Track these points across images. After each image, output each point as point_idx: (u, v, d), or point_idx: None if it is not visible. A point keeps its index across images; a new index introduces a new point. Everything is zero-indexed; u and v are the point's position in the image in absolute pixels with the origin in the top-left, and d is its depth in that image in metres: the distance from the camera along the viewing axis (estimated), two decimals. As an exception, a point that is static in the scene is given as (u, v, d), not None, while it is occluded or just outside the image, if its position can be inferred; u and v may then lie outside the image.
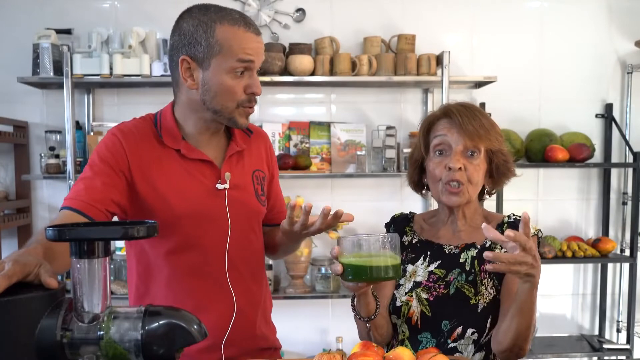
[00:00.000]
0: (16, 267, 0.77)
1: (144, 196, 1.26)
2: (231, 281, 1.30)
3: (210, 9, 1.24)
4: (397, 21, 2.81)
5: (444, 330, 1.26)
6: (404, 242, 1.41)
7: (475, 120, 1.27)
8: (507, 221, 1.33)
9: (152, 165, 1.27)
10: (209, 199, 1.29)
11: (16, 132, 2.63)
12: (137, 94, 2.74)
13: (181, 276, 1.29)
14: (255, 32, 1.24)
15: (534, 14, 2.88)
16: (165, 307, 0.77)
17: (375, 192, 2.85)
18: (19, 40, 2.67)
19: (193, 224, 1.27)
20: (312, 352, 2.61)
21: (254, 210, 1.37)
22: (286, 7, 2.78)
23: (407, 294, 1.32)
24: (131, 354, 0.73)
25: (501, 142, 1.32)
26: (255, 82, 1.25)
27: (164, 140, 1.29)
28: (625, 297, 2.88)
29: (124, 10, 2.74)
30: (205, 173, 1.30)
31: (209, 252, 1.30)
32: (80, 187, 1.20)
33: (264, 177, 1.42)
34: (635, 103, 2.90)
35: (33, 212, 2.76)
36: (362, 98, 2.84)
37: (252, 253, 1.38)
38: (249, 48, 1.22)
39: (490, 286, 1.28)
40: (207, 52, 1.21)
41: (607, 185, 2.90)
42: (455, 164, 1.27)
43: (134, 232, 0.74)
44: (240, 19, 1.23)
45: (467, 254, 1.32)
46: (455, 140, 1.28)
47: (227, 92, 1.23)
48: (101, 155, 1.25)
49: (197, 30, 1.21)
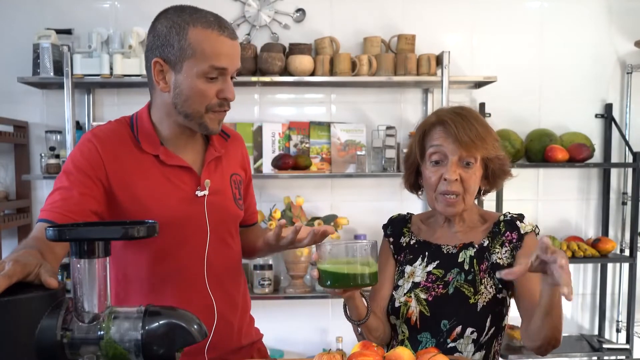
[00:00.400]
0: (16, 267, 0.77)
1: (122, 203, 1.23)
2: (210, 286, 1.29)
3: (186, 10, 1.21)
4: (397, 21, 2.81)
5: (443, 330, 1.26)
6: (402, 243, 1.41)
7: (471, 129, 1.26)
8: (503, 219, 1.33)
9: (130, 172, 1.24)
10: (188, 206, 1.26)
11: (16, 132, 2.63)
12: (137, 94, 2.74)
13: (160, 282, 1.28)
14: (229, 36, 1.20)
15: (534, 14, 2.88)
16: (166, 307, 0.77)
17: (375, 192, 2.85)
18: (19, 40, 2.67)
19: (172, 230, 1.24)
20: (312, 352, 2.61)
21: (232, 215, 1.36)
22: (286, 7, 2.78)
23: (405, 294, 1.32)
24: (131, 354, 0.73)
25: (497, 147, 1.31)
26: (229, 87, 1.22)
27: (142, 145, 1.26)
28: (625, 297, 2.88)
29: (124, 11, 2.74)
30: (184, 179, 1.28)
31: (188, 258, 1.28)
32: (56, 197, 1.17)
33: (240, 180, 1.41)
34: (635, 103, 2.90)
35: (33, 212, 2.76)
36: (362, 98, 2.84)
37: (231, 256, 1.37)
38: (221, 54, 1.19)
39: (490, 285, 1.28)
40: (179, 55, 1.18)
41: (607, 185, 2.90)
42: (452, 176, 1.26)
43: (134, 232, 0.74)
44: (215, 22, 1.19)
45: (465, 254, 1.32)
46: (451, 150, 1.27)
47: (198, 96, 1.20)
48: (77, 163, 1.21)
49: (171, 32, 1.19)
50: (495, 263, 1.28)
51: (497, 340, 1.33)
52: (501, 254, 1.29)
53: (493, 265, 1.28)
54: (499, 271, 1.03)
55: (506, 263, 1.28)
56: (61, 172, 1.23)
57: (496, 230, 1.32)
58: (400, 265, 1.40)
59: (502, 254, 1.29)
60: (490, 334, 1.28)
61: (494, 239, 1.32)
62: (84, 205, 1.16)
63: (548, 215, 2.93)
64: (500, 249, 1.30)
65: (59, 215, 1.14)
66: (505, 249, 1.29)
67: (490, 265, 1.29)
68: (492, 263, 1.29)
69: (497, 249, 1.30)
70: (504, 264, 1.28)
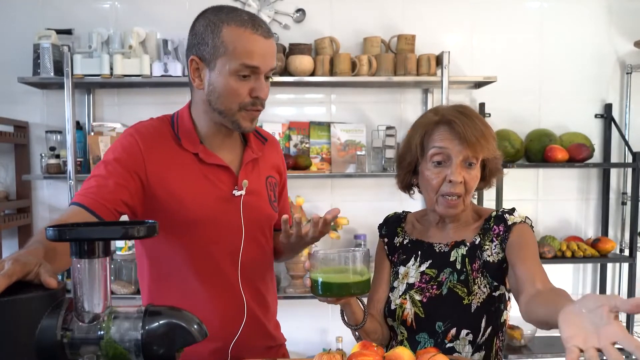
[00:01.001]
0: (16, 266, 0.77)
1: (159, 199, 1.24)
2: (242, 286, 1.31)
3: (223, 9, 1.23)
4: (397, 21, 2.81)
5: (438, 331, 1.25)
6: (395, 243, 1.40)
7: (476, 129, 1.23)
8: (494, 215, 1.30)
9: (169, 168, 1.26)
10: (224, 205, 1.28)
11: (17, 132, 2.64)
12: (138, 94, 2.74)
13: (193, 279, 1.29)
14: (263, 34, 1.21)
15: (534, 14, 2.88)
16: (166, 307, 0.77)
17: (375, 192, 2.85)
18: (19, 41, 2.67)
19: (208, 228, 1.27)
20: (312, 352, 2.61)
21: (267, 216, 1.37)
22: (286, 7, 2.78)
23: (400, 296, 1.31)
24: (131, 353, 0.73)
25: (497, 147, 1.30)
26: (261, 86, 1.23)
27: (182, 143, 1.28)
28: (624, 297, 2.88)
29: (124, 11, 2.74)
30: (222, 178, 1.29)
31: (222, 256, 1.29)
32: (92, 184, 1.19)
33: (275, 183, 1.43)
34: (635, 103, 2.90)
35: (33, 212, 2.77)
36: (362, 98, 2.84)
37: (263, 257, 1.38)
38: (253, 52, 1.19)
39: (484, 284, 1.25)
40: (213, 53, 1.20)
41: (607, 185, 2.90)
42: (458, 178, 1.23)
43: (134, 232, 0.74)
44: (249, 20, 1.21)
45: (457, 252, 1.29)
46: (456, 152, 1.24)
47: (231, 94, 1.22)
48: (116, 155, 1.23)
49: (206, 30, 1.21)
50: (487, 261, 1.26)
51: (499, 338, 1.30)
52: (491, 250, 1.26)
53: (485, 263, 1.26)
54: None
55: (496, 260, 1.24)
56: (100, 161, 1.25)
57: (487, 226, 1.30)
58: (394, 266, 1.39)
59: (492, 250, 1.26)
60: (487, 334, 1.26)
61: (485, 235, 1.29)
62: (117, 195, 1.18)
63: (548, 215, 2.93)
64: (490, 245, 1.27)
65: (91, 201, 1.15)
66: (495, 244, 1.26)
67: (483, 264, 1.26)
68: (484, 261, 1.26)
69: (487, 246, 1.27)
70: (494, 261, 1.25)
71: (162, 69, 2.52)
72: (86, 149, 2.62)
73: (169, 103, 2.74)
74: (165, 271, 1.31)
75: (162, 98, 2.75)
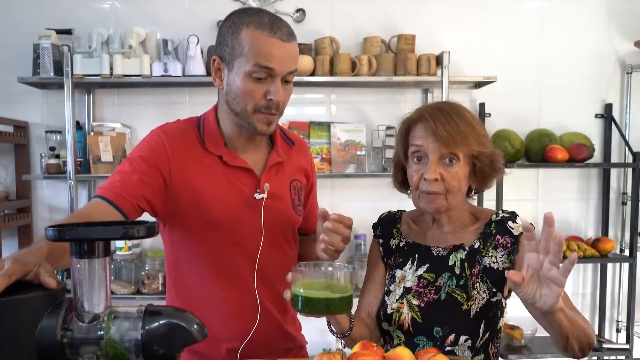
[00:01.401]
0: (16, 266, 0.77)
1: (181, 199, 1.26)
2: (258, 287, 1.31)
3: (247, 11, 1.24)
4: (397, 21, 2.81)
5: (436, 336, 1.23)
6: (392, 245, 1.37)
7: (450, 124, 1.20)
8: (495, 219, 1.28)
9: (193, 170, 1.27)
10: (245, 208, 1.29)
11: (16, 132, 2.64)
12: (138, 94, 2.74)
13: (210, 279, 1.31)
14: (281, 37, 1.20)
15: (534, 14, 2.88)
16: (166, 307, 0.77)
17: (375, 192, 2.85)
18: (19, 41, 2.67)
19: (227, 230, 1.28)
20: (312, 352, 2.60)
21: (289, 220, 1.37)
22: (286, 7, 2.78)
23: (397, 300, 1.28)
24: (131, 353, 0.73)
25: (483, 143, 1.24)
26: (276, 88, 1.22)
27: (206, 145, 1.29)
28: (624, 297, 2.88)
29: (124, 11, 2.74)
30: (245, 181, 1.30)
31: (239, 258, 1.30)
32: (116, 178, 1.21)
33: (301, 187, 1.42)
34: (635, 103, 2.90)
35: (33, 212, 2.77)
36: (362, 98, 2.84)
37: (284, 261, 1.37)
38: (269, 54, 1.19)
39: (483, 290, 1.23)
40: (231, 53, 1.22)
41: (607, 185, 2.90)
42: (431, 175, 1.21)
43: (134, 232, 0.74)
44: (268, 23, 1.20)
45: (455, 256, 1.27)
46: (431, 148, 1.22)
47: (246, 95, 1.22)
48: (142, 153, 1.26)
49: (228, 31, 1.23)
50: (489, 267, 1.24)
51: (494, 344, 1.28)
52: (496, 258, 1.24)
53: (486, 269, 1.24)
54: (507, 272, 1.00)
55: (501, 267, 1.24)
56: (126, 158, 1.27)
57: (487, 231, 1.27)
58: (390, 269, 1.35)
59: (498, 258, 1.24)
60: (485, 339, 1.24)
61: (486, 241, 1.26)
62: (139, 191, 1.20)
63: (548, 215, 2.92)
64: (494, 252, 1.25)
65: (115, 195, 1.17)
66: (501, 253, 1.24)
67: (483, 269, 1.24)
68: (485, 267, 1.24)
69: (490, 252, 1.25)
70: (499, 269, 1.24)
71: (162, 69, 2.52)
72: (86, 149, 2.62)
73: (169, 103, 2.74)
74: (184, 270, 1.33)
75: (162, 98, 2.75)
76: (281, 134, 1.42)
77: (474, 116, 1.27)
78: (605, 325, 2.95)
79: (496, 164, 1.28)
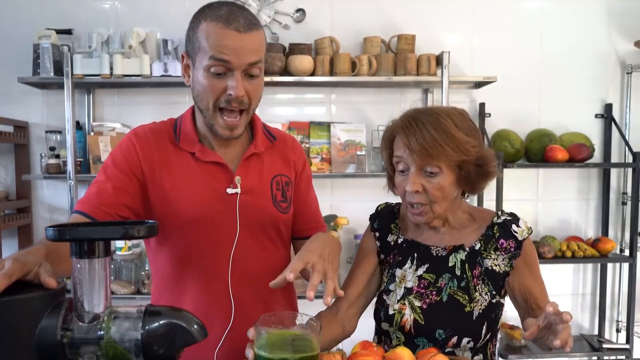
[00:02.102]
0: (16, 266, 0.77)
1: (153, 201, 1.25)
2: (236, 288, 1.25)
3: (211, 5, 1.19)
4: (397, 21, 2.81)
5: (438, 338, 1.22)
6: (390, 241, 1.35)
7: (424, 136, 1.16)
8: (497, 222, 1.26)
9: (164, 169, 1.25)
10: (218, 204, 1.25)
11: (16, 132, 2.64)
12: (137, 94, 2.74)
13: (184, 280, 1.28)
14: (237, 29, 1.14)
15: (534, 14, 2.88)
16: (166, 307, 0.77)
17: (375, 192, 2.84)
18: (19, 41, 2.67)
19: (201, 228, 1.24)
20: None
21: (269, 216, 1.30)
22: (286, 7, 2.78)
23: (399, 301, 1.26)
24: (131, 353, 0.73)
25: (465, 150, 1.18)
26: (234, 83, 1.15)
27: (180, 143, 1.27)
28: (624, 297, 2.88)
29: (124, 11, 2.74)
30: (218, 177, 1.26)
31: (213, 257, 1.26)
32: (92, 190, 1.21)
33: (287, 182, 1.35)
34: (635, 103, 2.90)
35: (33, 212, 2.77)
36: (362, 98, 2.84)
37: (269, 261, 1.31)
38: (223, 46, 1.13)
39: (485, 292, 1.23)
40: (193, 49, 1.19)
41: (607, 185, 2.90)
42: (412, 187, 1.19)
43: (134, 232, 0.74)
44: (224, 14, 1.15)
45: (455, 257, 1.26)
46: (410, 161, 1.20)
47: (205, 91, 1.18)
48: (115, 160, 1.24)
49: (191, 27, 1.20)
50: (490, 269, 1.24)
51: (492, 343, 1.29)
52: (498, 261, 1.24)
53: (487, 271, 1.24)
54: (523, 333, 1.06)
55: (503, 271, 1.24)
56: (101, 167, 1.27)
57: (489, 233, 1.26)
58: (390, 267, 1.33)
59: (499, 261, 1.24)
60: (486, 340, 1.24)
61: (487, 243, 1.26)
62: (117, 199, 1.19)
63: (548, 215, 2.93)
64: (495, 255, 1.25)
65: (91, 208, 1.17)
66: (502, 257, 1.24)
67: (484, 271, 1.24)
68: (487, 269, 1.24)
69: (491, 255, 1.25)
70: (501, 272, 1.24)
71: (162, 69, 2.52)
72: (86, 149, 2.62)
73: (169, 103, 2.74)
74: (162, 272, 1.31)
75: (162, 98, 2.75)
76: (263, 130, 1.36)
77: (459, 120, 1.21)
78: (605, 325, 2.95)
79: (485, 167, 1.22)
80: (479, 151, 1.21)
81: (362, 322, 1.36)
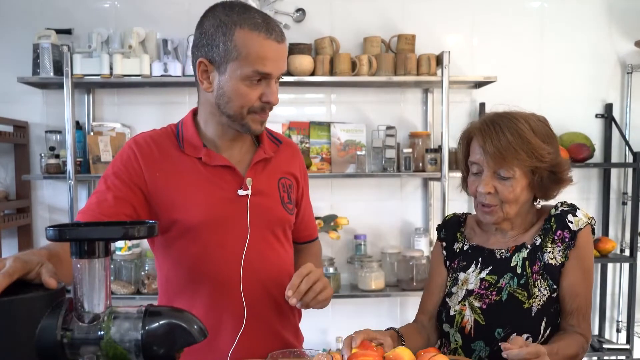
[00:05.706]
0: (17, 265, 0.77)
1: (159, 208, 1.24)
2: (248, 291, 1.25)
3: (235, 9, 1.18)
4: (397, 21, 2.81)
5: (497, 338, 1.23)
6: (455, 249, 1.39)
7: (501, 140, 1.21)
8: (554, 213, 1.30)
9: (170, 176, 1.24)
10: (228, 206, 1.25)
11: (16, 132, 2.63)
12: (137, 94, 2.74)
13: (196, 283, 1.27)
14: (276, 39, 1.17)
15: (534, 14, 2.88)
16: (166, 307, 0.77)
17: (375, 192, 2.85)
18: (19, 40, 2.67)
19: (212, 231, 1.24)
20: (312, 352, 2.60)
21: (278, 218, 1.32)
22: (286, 7, 2.78)
23: (460, 302, 1.29)
24: (131, 354, 0.73)
25: (540, 156, 1.22)
26: (272, 91, 1.20)
27: (185, 149, 1.26)
28: (625, 297, 2.88)
29: (124, 11, 2.74)
30: (227, 179, 1.26)
31: (225, 260, 1.26)
32: (93, 200, 1.20)
33: (290, 184, 1.37)
34: (635, 103, 2.90)
35: (33, 212, 2.77)
36: (362, 98, 2.84)
37: (278, 262, 1.32)
38: (266, 58, 1.16)
39: (544, 287, 1.24)
40: (224, 56, 1.16)
41: (607, 185, 2.90)
42: (484, 188, 1.24)
43: (134, 232, 0.74)
44: (262, 23, 1.16)
45: (518, 256, 1.28)
46: (485, 165, 1.24)
47: (241, 99, 1.18)
48: (115, 169, 1.23)
49: (217, 31, 1.16)
50: (548, 264, 1.25)
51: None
52: (554, 253, 1.26)
53: (546, 265, 1.25)
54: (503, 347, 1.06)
55: (559, 262, 1.25)
56: (102, 176, 1.25)
57: (547, 226, 1.29)
58: (453, 272, 1.36)
59: (555, 253, 1.26)
60: (546, 336, 1.24)
61: (546, 236, 1.28)
62: (117, 209, 1.18)
63: (548, 215, 2.93)
64: (552, 247, 1.26)
65: (92, 218, 1.15)
66: (559, 249, 1.26)
67: (543, 266, 1.25)
68: (545, 264, 1.25)
69: (548, 247, 1.26)
70: (557, 264, 1.25)
71: (162, 68, 2.52)
72: (86, 149, 2.62)
73: (169, 103, 2.74)
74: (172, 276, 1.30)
75: (161, 98, 2.74)
76: (267, 134, 1.38)
77: (537, 126, 1.26)
78: (605, 325, 2.95)
79: (559, 174, 1.28)
80: (555, 158, 1.25)
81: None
